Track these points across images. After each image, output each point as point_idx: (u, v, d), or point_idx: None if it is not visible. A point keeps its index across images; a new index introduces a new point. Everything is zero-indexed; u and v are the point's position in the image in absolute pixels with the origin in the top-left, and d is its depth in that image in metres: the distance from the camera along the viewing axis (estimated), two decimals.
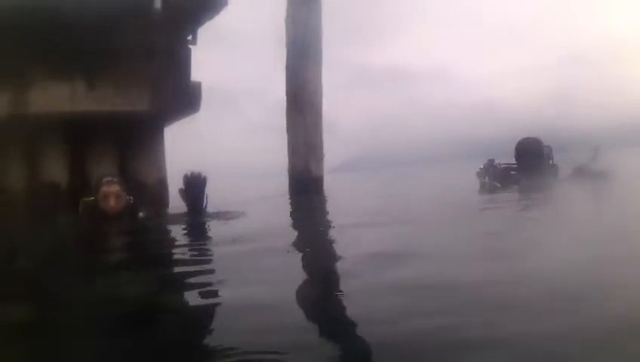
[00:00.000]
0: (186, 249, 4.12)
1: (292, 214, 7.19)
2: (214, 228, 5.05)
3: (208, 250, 3.89)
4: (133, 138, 7.88)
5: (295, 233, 5.12)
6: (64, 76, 7.25)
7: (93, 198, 5.22)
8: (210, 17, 8.59)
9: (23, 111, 7.10)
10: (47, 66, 7.19)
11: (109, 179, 5.22)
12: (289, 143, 10.54)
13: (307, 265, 3.12)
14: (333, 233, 4.78)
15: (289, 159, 10.55)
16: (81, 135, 7.63)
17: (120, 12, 7.52)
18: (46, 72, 7.19)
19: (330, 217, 6.66)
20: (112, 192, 5.07)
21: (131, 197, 5.35)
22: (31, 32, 6.97)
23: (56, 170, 7.51)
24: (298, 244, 4.04)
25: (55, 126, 7.43)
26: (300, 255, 3.56)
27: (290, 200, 7.69)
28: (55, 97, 7.18)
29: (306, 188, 10.01)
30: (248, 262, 3.10)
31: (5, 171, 7.40)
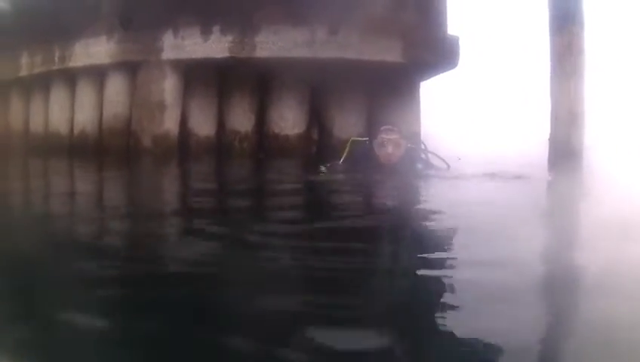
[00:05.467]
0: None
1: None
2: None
3: None
4: (384, 90, 6.48)
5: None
6: (300, 20, 6.19)
7: (365, 139, 4.86)
8: None
9: (249, 55, 6.15)
10: (280, 10, 6.21)
11: (388, 127, 4.83)
12: (552, 110, 8.41)
13: None
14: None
15: (550, 127, 8.37)
16: (321, 83, 6.39)
17: None
18: (278, 16, 6.20)
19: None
20: (390, 139, 4.64)
21: (412, 147, 4.86)
22: None
23: (290, 118, 6.34)
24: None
25: (291, 71, 6.31)
26: None
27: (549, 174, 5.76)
28: (291, 42, 6.12)
29: (566, 161, 7.69)
30: None
31: (234, 117, 6.45)
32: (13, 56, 7.72)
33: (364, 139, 5.02)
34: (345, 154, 4.92)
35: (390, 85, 6.47)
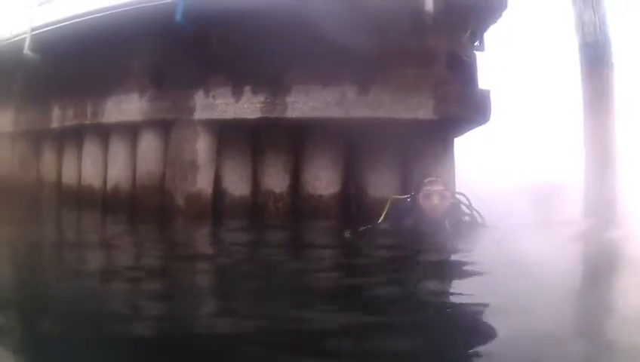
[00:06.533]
0: None
1: None
2: None
3: None
4: (418, 148, 6.50)
5: None
6: (331, 80, 6.21)
7: (406, 196, 4.92)
8: (494, 21, 7.30)
9: (281, 116, 6.20)
10: (310, 70, 6.24)
11: (433, 178, 4.94)
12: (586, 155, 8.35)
13: None
14: None
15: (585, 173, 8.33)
16: (354, 142, 6.42)
17: (393, 14, 6.40)
18: (309, 76, 6.23)
19: None
20: (436, 191, 4.70)
21: (457, 199, 4.93)
22: (292, 35, 6.07)
23: (325, 178, 6.38)
24: None
25: (324, 131, 6.36)
26: None
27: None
28: (322, 102, 6.14)
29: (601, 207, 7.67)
30: None
31: (268, 177, 6.52)
32: (44, 107, 7.83)
33: (405, 196, 5.03)
34: (385, 213, 4.93)
35: (423, 142, 6.47)
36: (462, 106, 6.32)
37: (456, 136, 7.00)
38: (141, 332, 1.96)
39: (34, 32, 8.06)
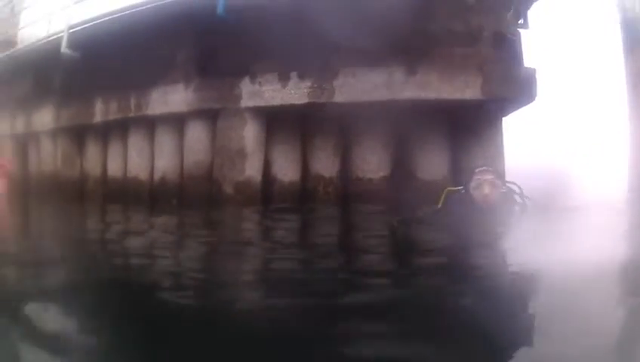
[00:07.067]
0: None
1: None
2: None
3: None
4: (466, 129, 6.42)
5: None
6: (378, 62, 6.19)
7: (460, 188, 4.77)
8: None
9: (329, 100, 6.19)
10: (357, 52, 6.22)
11: (483, 168, 4.80)
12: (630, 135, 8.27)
13: None
14: None
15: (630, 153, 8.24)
16: (402, 124, 6.39)
17: None
18: (355, 59, 6.21)
19: None
20: (487, 180, 4.57)
21: (509, 188, 4.74)
22: (338, 17, 6.04)
23: (374, 161, 6.35)
24: None
25: (372, 114, 6.32)
26: None
27: None
28: (369, 85, 6.12)
29: None
30: None
31: (317, 162, 6.52)
32: (85, 103, 7.89)
33: (459, 188, 4.92)
34: (441, 202, 4.81)
35: (472, 123, 6.40)
36: (509, 85, 6.26)
37: (503, 116, 6.94)
38: None
39: (71, 30, 8.15)
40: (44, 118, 8.65)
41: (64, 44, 8.07)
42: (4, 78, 9.74)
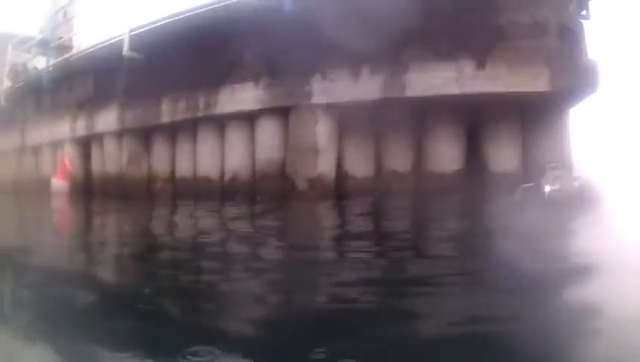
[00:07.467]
0: None
1: None
2: None
3: None
4: (535, 122, 6.52)
5: None
6: (447, 56, 6.30)
7: (533, 184, 4.96)
8: None
9: (400, 95, 6.31)
10: (427, 46, 6.35)
11: (555, 164, 5.09)
12: None
13: None
14: None
15: None
16: (473, 118, 6.51)
17: None
18: (425, 53, 6.34)
19: None
20: (558, 176, 4.85)
21: (580, 183, 4.95)
22: (407, 11, 6.15)
23: (447, 154, 6.48)
24: None
25: (443, 108, 6.46)
26: None
27: None
28: (439, 79, 6.24)
29: None
30: None
31: (391, 157, 6.66)
32: (151, 103, 8.10)
33: (532, 184, 5.04)
34: (515, 201, 4.90)
35: (541, 115, 6.49)
36: (575, 77, 6.32)
37: (569, 107, 7.01)
38: None
39: (132, 33, 8.37)
40: (108, 119, 8.88)
41: (126, 46, 8.30)
42: (63, 81, 10.02)
